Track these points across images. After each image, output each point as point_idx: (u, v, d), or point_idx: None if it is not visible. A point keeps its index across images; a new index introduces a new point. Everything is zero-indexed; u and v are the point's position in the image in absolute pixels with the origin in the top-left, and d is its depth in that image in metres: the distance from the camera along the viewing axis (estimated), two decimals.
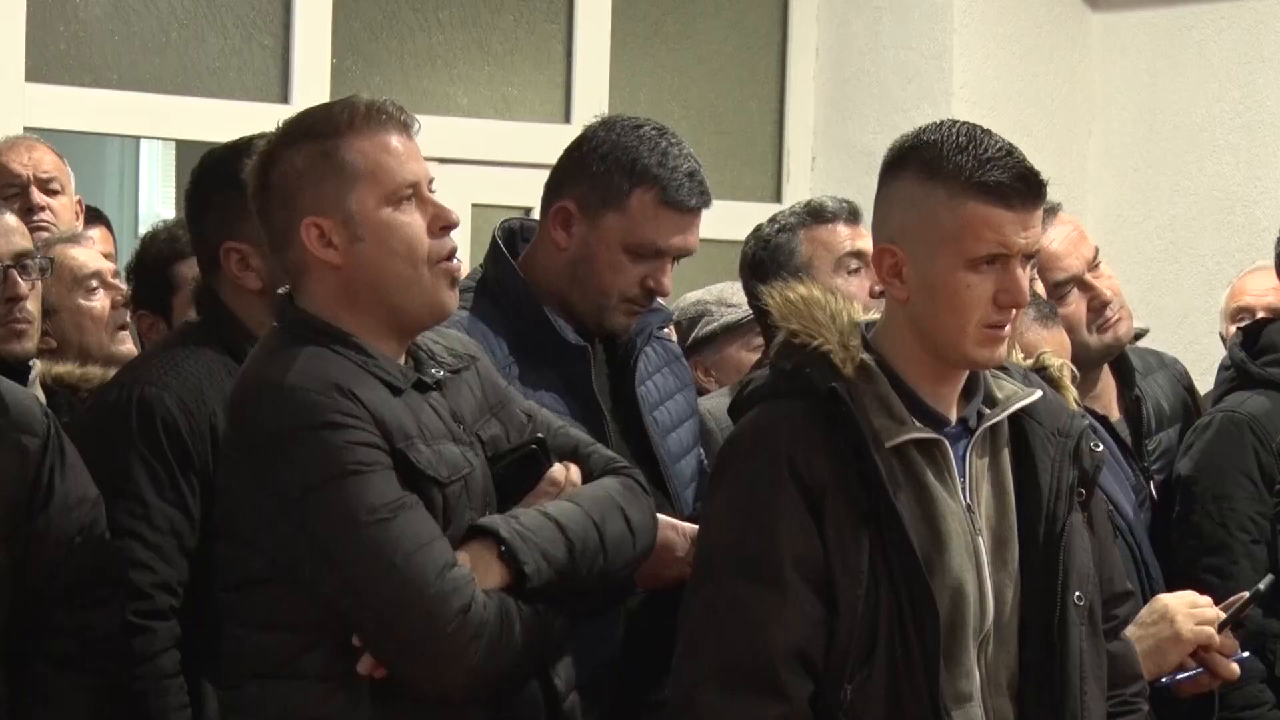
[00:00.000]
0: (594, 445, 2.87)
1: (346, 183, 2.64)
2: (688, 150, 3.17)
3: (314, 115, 2.72)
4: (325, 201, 2.64)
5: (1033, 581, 2.68)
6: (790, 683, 2.53)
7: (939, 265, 2.58)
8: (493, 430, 2.76)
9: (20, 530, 2.74)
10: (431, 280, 2.66)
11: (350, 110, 2.68)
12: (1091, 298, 3.68)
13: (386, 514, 2.53)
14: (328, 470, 2.53)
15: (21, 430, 2.75)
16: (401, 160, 2.66)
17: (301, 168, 2.66)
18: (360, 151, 2.65)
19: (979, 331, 2.59)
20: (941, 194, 2.57)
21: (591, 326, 3.13)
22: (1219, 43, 6.34)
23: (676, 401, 3.30)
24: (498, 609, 2.56)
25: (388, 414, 2.58)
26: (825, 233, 3.72)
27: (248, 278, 3.10)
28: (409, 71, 6.13)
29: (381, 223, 2.64)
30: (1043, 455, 2.70)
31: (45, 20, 5.47)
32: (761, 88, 6.77)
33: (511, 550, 2.60)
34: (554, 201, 3.16)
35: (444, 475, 2.62)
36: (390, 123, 2.67)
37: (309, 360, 2.60)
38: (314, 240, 2.65)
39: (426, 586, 2.51)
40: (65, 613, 2.80)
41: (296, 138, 2.68)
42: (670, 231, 3.12)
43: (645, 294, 3.13)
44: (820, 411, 2.58)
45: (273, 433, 2.57)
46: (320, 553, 2.54)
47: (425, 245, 2.66)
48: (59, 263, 3.91)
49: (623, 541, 2.72)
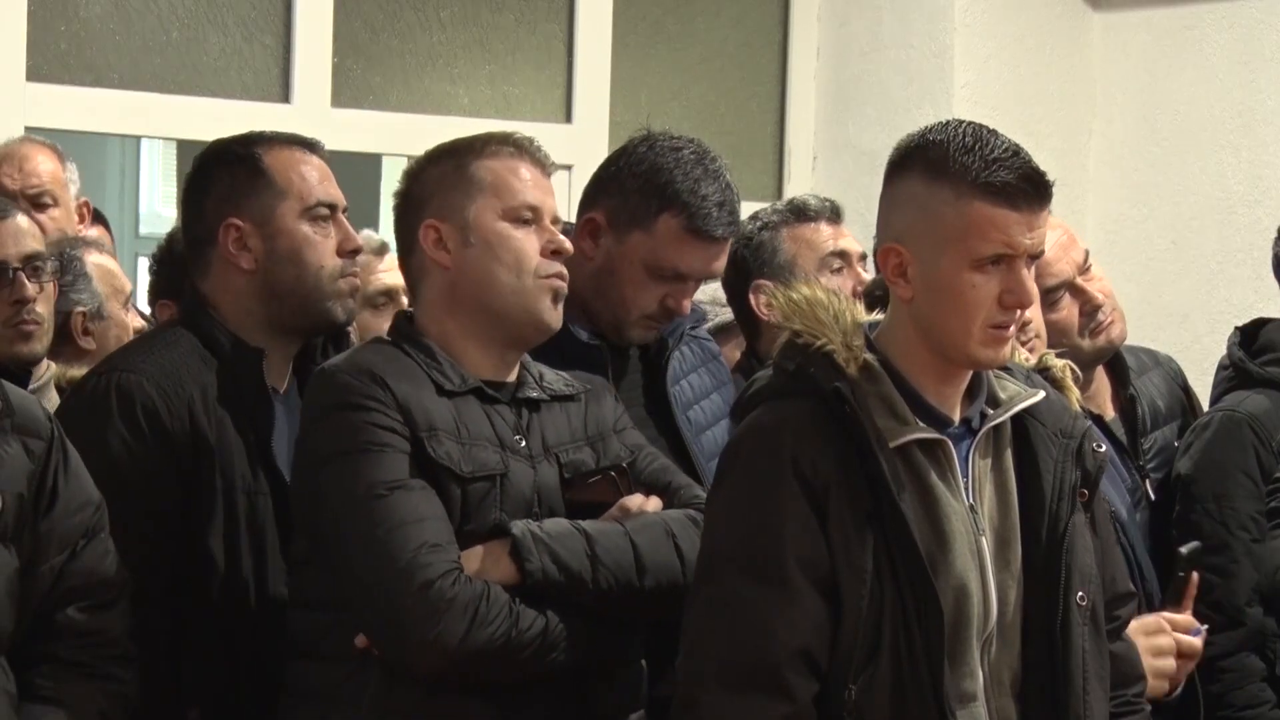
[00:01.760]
0: (688, 486, 2.93)
1: (470, 194, 2.83)
2: (725, 179, 3.19)
3: (462, 139, 2.95)
4: (447, 208, 2.86)
5: (1035, 582, 2.68)
6: (794, 682, 2.53)
7: (944, 265, 2.58)
8: (580, 456, 2.87)
9: (26, 532, 2.74)
10: (534, 291, 2.82)
11: (493, 138, 2.91)
12: (1084, 302, 3.67)
13: (383, 490, 2.66)
14: (342, 445, 2.71)
15: (26, 433, 2.75)
16: (527, 185, 2.86)
17: (435, 178, 2.89)
18: (489, 169, 2.87)
19: (983, 332, 2.59)
20: (947, 194, 2.57)
21: (610, 336, 3.16)
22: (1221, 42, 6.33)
23: (712, 400, 3.32)
24: (474, 596, 2.62)
25: (416, 406, 2.72)
26: (808, 231, 3.74)
27: (242, 256, 3.11)
28: (410, 71, 6.13)
29: (495, 232, 2.82)
30: (1045, 456, 2.71)
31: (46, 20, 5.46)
32: (763, 87, 6.76)
33: (517, 546, 2.67)
34: (586, 210, 3.20)
35: (465, 470, 2.72)
36: (525, 155, 2.90)
37: (367, 353, 2.85)
38: (430, 241, 2.86)
39: (397, 559, 2.62)
40: (69, 616, 2.80)
41: (441, 155, 2.93)
42: (693, 258, 3.15)
43: (664, 312, 3.18)
44: (824, 411, 2.58)
45: (312, 414, 2.81)
46: (328, 524, 2.70)
47: (534, 260, 2.83)
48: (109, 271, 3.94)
49: (667, 566, 2.76)
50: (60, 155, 4.72)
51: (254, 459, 3.03)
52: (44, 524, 2.76)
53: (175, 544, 2.98)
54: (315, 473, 2.75)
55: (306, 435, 2.81)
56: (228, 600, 3.00)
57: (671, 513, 2.84)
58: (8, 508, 2.70)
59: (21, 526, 2.72)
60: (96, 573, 2.82)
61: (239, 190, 3.11)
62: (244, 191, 3.11)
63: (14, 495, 2.71)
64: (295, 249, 3.09)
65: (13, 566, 2.71)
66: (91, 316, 3.88)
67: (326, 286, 3.10)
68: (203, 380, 3.03)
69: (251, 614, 3.01)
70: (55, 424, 2.81)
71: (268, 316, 3.10)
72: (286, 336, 3.13)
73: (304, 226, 3.10)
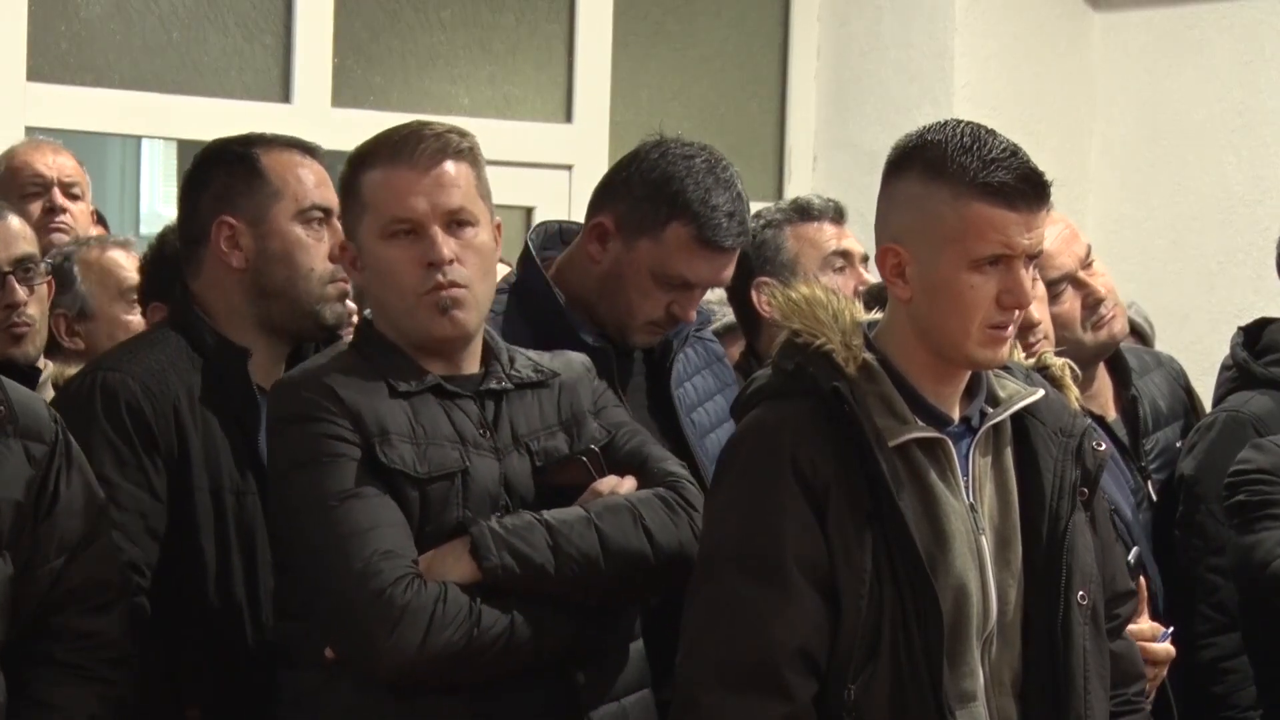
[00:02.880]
0: (664, 460, 2.89)
1: (357, 213, 2.81)
2: (737, 189, 3.16)
3: (379, 137, 2.83)
4: (347, 226, 2.84)
5: (1036, 581, 2.68)
6: (794, 682, 2.53)
7: (942, 265, 2.57)
8: (553, 443, 2.83)
9: (24, 536, 2.73)
10: (417, 310, 2.76)
11: (387, 140, 2.80)
12: (1086, 295, 3.67)
13: (334, 501, 2.66)
14: (297, 457, 2.71)
15: (29, 436, 2.74)
16: (402, 195, 2.76)
17: (345, 191, 2.83)
18: (369, 183, 2.79)
19: (982, 332, 2.58)
20: (946, 194, 2.57)
21: (614, 339, 3.15)
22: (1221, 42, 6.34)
23: (716, 402, 3.31)
24: (429, 599, 2.62)
25: (367, 411, 2.70)
26: (812, 231, 3.74)
27: (233, 255, 3.11)
28: (410, 71, 6.13)
29: (375, 256, 2.79)
30: (1045, 454, 2.70)
31: (46, 20, 5.47)
32: (763, 87, 6.76)
33: (475, 545, 2.66)
34: (596, 214, 3.17)
35: (421, 472, 2.70)
36: (414, 154, 2.77)
37: (323, 360, 2.82)
38: (346, 260, 2.85)
39: (349, 570, 2.62)
40: (67, 618, 2.80)
41: (352, 159, 2.83)
42: (701, 268, 3.14)
43: (669, 319, 3.17)
44: (823, 411, 2.58)
45: (271, 427, 2.80)
46: (292, 535, 2.72)
47: (411, 280, 2.77)
48: (107, 269, 3.92)
49: (633, 548, 2.74)
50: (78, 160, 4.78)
51: (241, 459, 3.02)
52: (43, 526, 2.75)
53: (163, 544, 2.97)
54: (278, 485, 2.76)
55: (270, 449, 2.81)
56: (219, 599, 3.00)
57: (639, 493, 2.80)
58: (3, 515, 2.69)
59: (18, 533, 2.72)
60: (95, 576, 2.82)
61: (234, 189, 3.11)
62: (239, 190, 3.11)
63: (10, 502, 2.70)
64: (287, 250, 3.09)
65: (6, 574, 2.70)
66: (75, 318, 3.88)
67: (316, 290, 3.09)
68: (189, 380, 3.03)
69: (243, 613, 3.00)
70: (60, 426, 2.80)
71: (256, 316, 3.10)
72: (276, 336, 3.12)
73: (297, 228, 3.09)
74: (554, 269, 3.21)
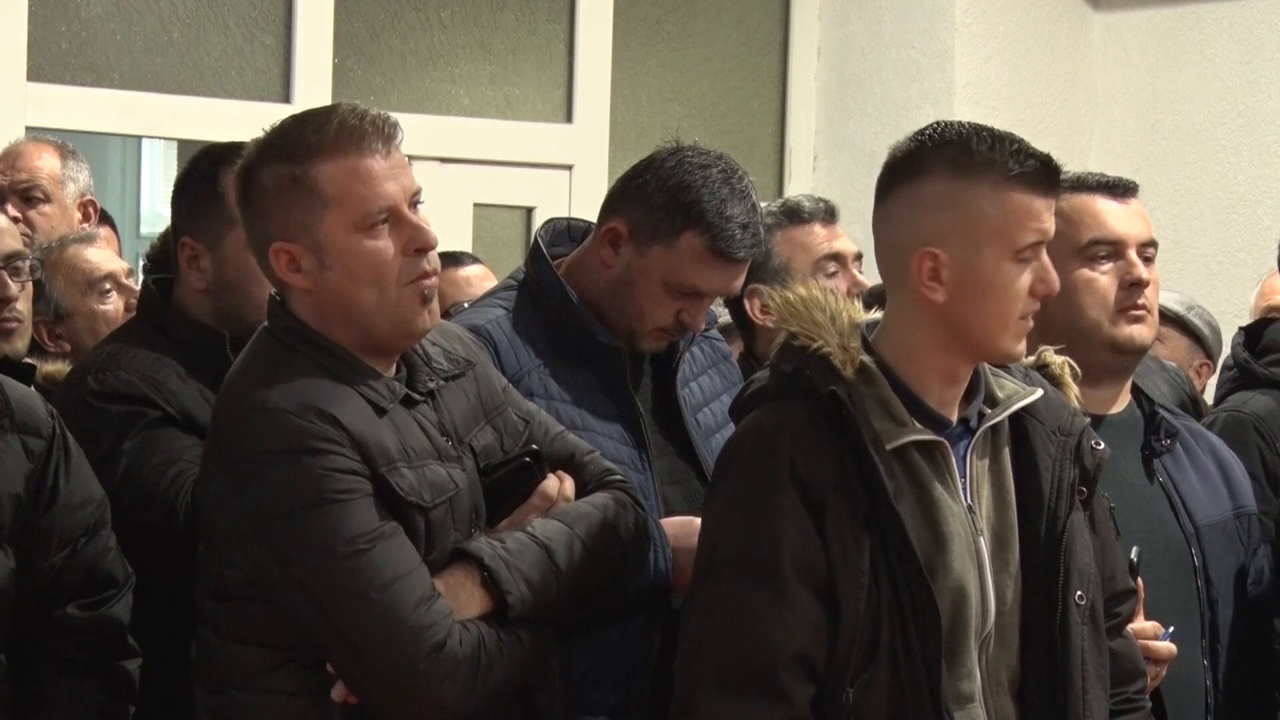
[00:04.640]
0: (591, 454, 2.87)
1: (314, 209, 2.61)
2: (752, 200, 3.15)
3: (289, 132, 2.65)
4: (294, 227, 2.61)
5: (1034, 581, 2.67)
6: (792, 685, 2.52)
7: (985, 260, 2.58)
8: (487, 439, 2.76)
9: (25, 531, 2.74)
10: (399, 300, 2.62)
11: (323, 129, 2.61)
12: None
13: (364, 544, 2.52)
14: (305, 498, 2.52)
15: (26, 431, 2.75)
16: (374, 184, 2.61)
17: (270, 189, 2.62)
18: (329, 177, 2.60)
19: (1016, 324, 2.60)
20: (984, 189, 2.57)
21: (622, 342, 3.15)
22: (1221, 42, 6.34)
23: (722, 403, 3.30)
24: (474, 645, 2.56)
25: (369, 436, 2.57)
26: (802, 234, 3.72)
27: (194, 276, 3.13)
28: (411, 71, 6.14)
29: (349, 250, 2.61)
30: (1044, 454, 2.70)
31: (47, 20, 5.47)
32: (763, 87, 6.77)
33: (494, 577, 2.60)
34: (609, 218, 3.16)
35: (427, 500, 2.61)
36: (366, 140, 2.60)
37: (293, 378, 2.59)
38: (283, 266, 2.63)
39: (403, 621, 2.52)
40: (69, 613, 2.80)
41: (269, 156, 2.63)
42: (713, 278, 3.13)
43: (678, 326, 3.16)
44: (821, 414, 2.58)
45: (250, 454, 2.56)
46: (296, 580, 2.54)
47: (394, 269, 2.62)
48: (72, 266, 3.92)
49: (613, 562, 2.74)
50: (64, 153, 4.72)
51: None
52: (44, 521, 2.76)
53: None
54: (270, 525, 2.53)
55: (247, 481, 2.54)
56: None
57: (603, 499, 2.78)
58: (4, 509, 2.70)
59: (18, 527, 2.72)
60: (98, 569, 2.83)
61: (196, 209, 3.12)
62: (200, 211, 3.11)
63: (10, 496, 2.71)
64: (240, 280, 3.08)
65: (8, 568, 2.71)
66: (53, 322, 3.89)
67: None
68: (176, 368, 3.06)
69: None
70: (57, 421, 2.81)
71: (227, 329, 3.10)
72: None
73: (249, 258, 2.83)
74: (563, 269, 3.21)
